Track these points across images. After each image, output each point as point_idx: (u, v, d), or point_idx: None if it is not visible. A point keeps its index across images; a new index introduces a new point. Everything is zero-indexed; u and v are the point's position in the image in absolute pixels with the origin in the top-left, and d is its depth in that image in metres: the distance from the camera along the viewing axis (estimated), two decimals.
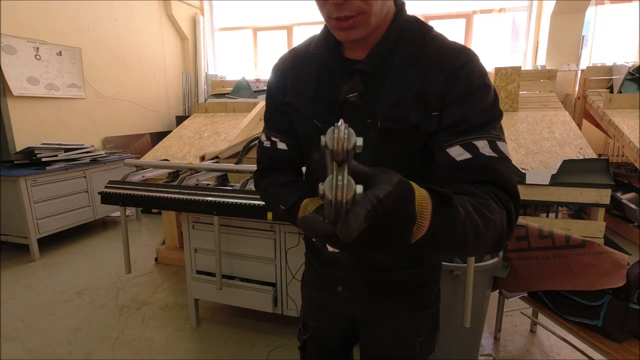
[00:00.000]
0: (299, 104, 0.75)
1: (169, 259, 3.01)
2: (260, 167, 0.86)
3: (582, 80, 4.04)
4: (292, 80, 0.77)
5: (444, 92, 0.62)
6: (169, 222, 2.97)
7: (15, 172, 2.94)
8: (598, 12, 4.51)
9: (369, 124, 0.67)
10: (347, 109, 0.68)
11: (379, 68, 0.66)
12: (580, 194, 2.32)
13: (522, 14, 4.81)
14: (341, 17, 0.58)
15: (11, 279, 2.76)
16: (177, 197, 1.73)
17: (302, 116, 0.75)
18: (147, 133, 5.01)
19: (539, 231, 1.65)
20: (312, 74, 0.74)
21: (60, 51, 3.80)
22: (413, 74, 0.64)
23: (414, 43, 0.66)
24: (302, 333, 0.99)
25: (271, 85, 0.81)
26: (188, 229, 2.00)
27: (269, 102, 0.83)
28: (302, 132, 0.77)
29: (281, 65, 0.79)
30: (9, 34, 3.30)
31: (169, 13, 5.29)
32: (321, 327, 0.94)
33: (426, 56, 0.64)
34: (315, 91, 0.73)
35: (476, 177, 0.57)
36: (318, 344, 0.97)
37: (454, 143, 0.60)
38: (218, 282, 1.89)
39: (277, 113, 0.81)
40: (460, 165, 0.58)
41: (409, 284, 0.80)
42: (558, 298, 1.59)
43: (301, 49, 0.78)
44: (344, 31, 0.61)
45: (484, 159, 0.57)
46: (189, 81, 5.78)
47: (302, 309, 1.01)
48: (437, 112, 0.62)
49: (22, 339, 2.04)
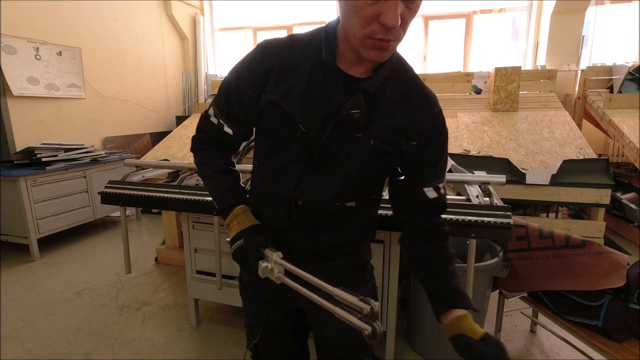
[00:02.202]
0: (286, 104, 0.73)
1: (169, 259, 3.01)
2: (201, 135, 0.89)
3: (582, 80, 4.04)
4: (278, 75, 0.74)
5: (428, 132, 0.77)
6: (169, 222, 2.97)
7: (15, 172, 2.94)
8: (598, 12, 4.51)
9: (359, 138, 0.74)
10: (342, 121, 0.72)
11: (377, 91, 0.73)
12: (580, 194, 2.32)
13: (522, 14, 4.81)
14: (385, 39, 0.62)
15: (11, 279, 2.76)
16: (177, 197, 1.73)
17: (286, 117, 0.74)
18: (147, 133, 5.01)
19: (539, 231, 1.65)
20: (302, 77, 0.73)
21: (60, 51, 3.80)
22: (406, 106, 0.75)
23: (403, 78, 0.76)
24: (250, 340, 0.97)
25: (242, 74, 0.77)
26: (188, 229, 2.00)
27: (232, 87, 0.79)
28: (281, 131, 0.76)
29: (266, 58, 0.75)
30: (9, 34, 3.30)
31: (169, 13, 5.29)
32: (271, 326, 0.93)
33: (415, 93, 0.76)
34: (304, 96, 0.73)
35: (439, 211, 0.85)
36: (271, 344, 0.96)
37: (429, 185, 0.81)
38: (218, 282, 1.89)
39: (237, 102, 0.79)
40: (432, 202, 0.82)
41: (350, 266, 0.90)
42: (558, 298, 1.59)
43: (295, 47, 0.75)
44: (378, 51, 0.64)
45: (442, 197, 0.83)
46: (189, 81, 5.78)
47: (245, 314, 0.98)
48: (416, 143, 0.77)
49: (22, 339, 2.04)
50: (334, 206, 0.79)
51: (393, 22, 0.59)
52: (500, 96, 3.62)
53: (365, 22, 0.61)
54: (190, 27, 5.67)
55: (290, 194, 0.78)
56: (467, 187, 1.67)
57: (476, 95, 4.04)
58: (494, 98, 3.65)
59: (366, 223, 0.87)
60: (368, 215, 0.87)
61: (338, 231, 0.83)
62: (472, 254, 1.45)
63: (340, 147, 0.74)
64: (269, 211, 0.84)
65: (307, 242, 0.83)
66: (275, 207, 0.82)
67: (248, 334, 0.99)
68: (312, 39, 0.74)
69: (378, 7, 0.59)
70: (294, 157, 0.76)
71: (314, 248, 0.83)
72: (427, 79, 4.25)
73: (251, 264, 0.75)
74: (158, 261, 3.05)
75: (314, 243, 0.83)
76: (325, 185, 0.77)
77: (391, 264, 1.65)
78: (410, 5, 0.61)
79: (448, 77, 4.13)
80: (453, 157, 2.40)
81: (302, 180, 0.77)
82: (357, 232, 0.86)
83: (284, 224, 0.82)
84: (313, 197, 0.78)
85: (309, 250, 0.83)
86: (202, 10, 5.82)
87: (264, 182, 0.84)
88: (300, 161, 0.76)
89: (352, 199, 0.80)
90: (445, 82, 4.06)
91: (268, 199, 0.84)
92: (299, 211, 0.79)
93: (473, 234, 1.36)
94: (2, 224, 3.13)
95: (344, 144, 0.74)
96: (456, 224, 1.36)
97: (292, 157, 0.77)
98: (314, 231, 0.82)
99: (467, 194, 1.61)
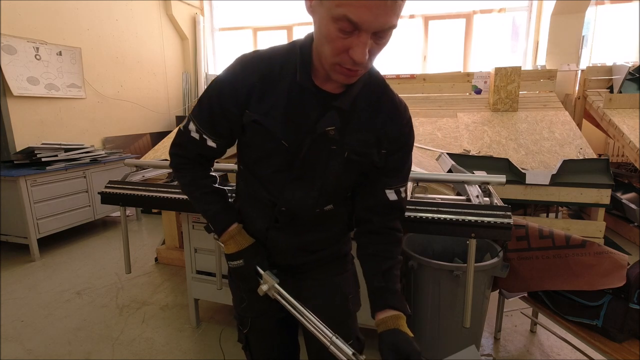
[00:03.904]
0: (267, 122, 0.76)
1: (169, 259, 3.01)
2: (181, 151, 0.88)
3: (582, 80, 4.04)
4: (259, 94, 0.76)
5: (395, 140, 0.82)
6: (169, 222, 2.97)
7: (15, 172, 2.94)
8: (598, 12, 4.51)
9: (334, 150, 0.79)
10: (319, 137, 0.77)
11: (350, 107, 0.77)
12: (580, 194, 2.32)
13: (522, 14, 4.81)
14: (352, 69, 0.66)
15: (11, 279, 2.76)
16: (177, 197, 1.73)
17: (269, 134, 0.77)
18: (147, 133, 5.01)
19: (539, 231, 1.65)
20: (282, 93, 0.76)
21: (60, 51, 3.81)
22: (376, 120, 0.80)
23: (373, 90, 0.80)
24: (241, 330, 1.00)
25: (225, 89, 0.78)
26: (188, 229, 2.00)
27: (215, 102, 0.80)
28: (264, 145, 0.80)
29: (247, 77, 0.76)
30: (9, 34, 3.31)
31: (169, 13, 5.29)
32: (260, 314, 0.96)
33: (385, 105, 0.81)
34: (285, 112, 0.76)
35: (398, 214, 0.90)
36: (261, 332, 0.99)
37: (391, 188, 0.86)
38: (218, 282, 1.89)
39: (220, 117, 0.80)
40: (391, 205, 0.87)
41: (332, 256, 0.96)
42: (558, 298, 1.59)
43: (273, 65, 0.76)
44: (345, 77, 0.69)
45: (402, 201, 0.89)
46: (189, 81, 5.78)
47: (235, 306, 1.02)
48: (385, 151, 0.82)
49: (22, 339, 2.04)
50: (314, 212, 0.86)
51: (360, 58, 0.63)
52: (500, 96, 3.62)
53: (335, 52, 0.64)
54: (190, 27, 5.67)
55: (274, 200, 0.84)
56: (467, 187, 1.67)
57: (476, 95, 4.04)
58: (494, 98, 3.65)
59: (344, 218, 0.94)
60: (345, 210, 0.93)
61: (319, 228, 0.90)
62: (472, 254, 1.45)
63: (318, 159, 0.80)
64: (254, 212, 0.89)
65: (291, 240, 0.89)
66: (260, 209, 0.88)
67: (238, 325, 1.01)
68: (289, 56, 0.76)
69: (349, 41, 0.62)
70: (276, 167, 0.82)
71: (297, 244, 0.90)
72: (427, 79, 4.26)
73: (251, 283, 0.87)
74: (158, 261, 3.05)
75: (297, 240, 0.89)
76: (305, 193, 0.83)
77: None
78: (379, 42, 0.65)
79: (448, 77, 4.14)
80: (453, 157, 2.40)
81: (284, 189, 0.83)
82: (337, 227, 0.93)
83: (269, 225, 0.88)
84: (295, 205, 0.84)
85: (293, 246, 0.90)
86: (202, 10, 5.82)
87: (248, 186, 0.89)
88: (282, 171, 0.82)
89: (330, 203, 0.87)
90: (445, 82, 4.06)
91: (253, 202, 0.89)
92: (282, 215, 0.85)
93: (473, 234, 1.36)
94: (2, 224, 3.13)
95: (321, 156, 0.79)
96: (456, 224, 1.36)
97: (274, 168, 0.82)
98: (297, 230, 0.88)
99: (467, 194, 1.61)
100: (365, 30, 0.60)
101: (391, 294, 0.83)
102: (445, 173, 2.10)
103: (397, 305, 0.81)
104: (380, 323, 0.81)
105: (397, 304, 0.82)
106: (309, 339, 0.97)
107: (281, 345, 1.02)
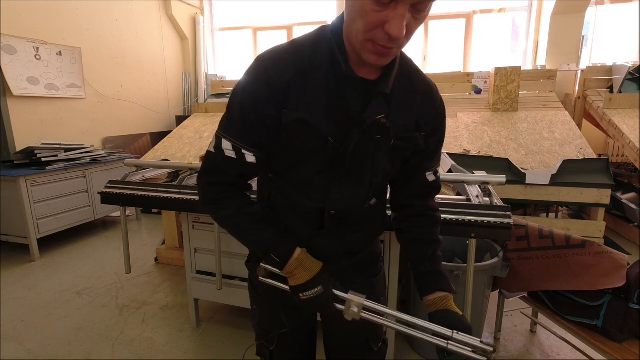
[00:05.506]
0: (312, 119, 0.70)
1: (169, 259, 3.01)
2: (220, 178, 0.77)
3: (582, 80, 4.04)
4: (297, 91, 0.69)
5: (432, 121, 0.80)
6: (169, 222, 2.97)
7: (15, 172, 2.94)
8: (598, 12, 4.51)
9: (379, 140, 0.74)
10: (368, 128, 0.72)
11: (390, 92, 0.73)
12: (580, 194, 2.32)
13: (522, 14, 4.81)
14: (387, 47, 0.61)
15: (11, 279, 2.76)
16: (177, 197, 1.73)
17: (313, 132, 0.70)
18: (147, 133, 5.01)
19: (539, 231, 1.65)
20: (319, 85, 0.69)
21: (60, 51, 3.80)
22: (414, 101, 0.76)
23: (406, 72, 0.76)
24: (266, 346, 0.96)
25: (260, 92, 0.69)
26: (188, 229, 2.00)
27: (249, 110, 0.71)
28: (305, 147, 0.72)
29: (280, 74, 0.68)
30: (9, 34, 3.30)
31: (169, 13, 5.29)
32: (290, 330, 0.92)
33: (420, 87, 0.77)
34: (327, 107, 0.70)
35: (435, 192, 0.92)
36: (288, 347, 0.97)
37: (430, 170, 0.86)
38: (218, 282, 1.89)
39: (258, 126, 0.71)
40: (430, 185, 0.88)
41: (370, 257, 0.95)
42: (558, 298, 1.59)
43: (303, 57, 0.70)
44: (378, 56, 0.64)
45: (439, 180, 0.90)
46: (189, 81, 5.78)
47: (258, 322, 0.97)
48: (424, 134, 0.79)
49: (22, 339, 2.04)
50: (364, 209, 0.83)
51: (397, 33, 0.58)
52: (500, 96, 3.62)
53: (370, 27, 0.59)
54: (190, 27, 5.67)
55: (320, 205, 0.78)
56: (467, 187, 1.67)
57: (476, 95, 4.04)
58: (494, 98, 3.65)
59: (383, 213, 0.93)
60: (382, 205, 0.91)
61: (362, 227, 0.87)
62: (472, 254, 1.45)
63: (365, 152, 0.74)
64: (293, 223, 0.81)
65: (336, 244, 0.84)
66: (302, 218, 0.81)
67: (262, 341, 0.97)
68: (317, 45, 0.70)
69: (384, 14, 0.57)
70: (318, 168, 0.75)
71: (342, 247, 0.86)
72: None
73: (330, 309, 0.78)
74: (158, 261, 3.05)
75: (343, 242, 0.85)
76: (355, 191, 0.78)
77: (391, 264, 1.65)
78: (417, 16, 0.59)
79: (448, 77, 4.13)
80: (453, 157, 2.40)
81: (330, 190, 0.76)
82: (377, 222, 0.91)
83: (313, 233, 0.81)
84: (345, 205, 0.79)
85: (338, 249, 0.85)
86: (202, 10, 5.82)
87: (284, 195, 0.81)
88: (325, 171, 0.75)
89: (375, 197, 0.84)
90: (445, 82, 4.06)
91: (292, 211, 0.81)
92: (331, 219, 0.79)
93: (473, 233, 1.36)
94: (2, 224, 3.13)
95: (368, 148, 0.74)
96: (456, 224, 1.36)
97: (316, 169, 0.75)
98: (341, 233, 0.83)
99: (467, 194, 1.61)
100: (403, 0, 0.56)
101: (439, 277, 0.85)
102: (445, 173, 2.10)
103: (446, 287, 0.84)
104: (431, 304, 0.83)
105: (445, 286, 0.84)
106: (333, 335, 0.97)
107: (307, 357, 1.02)
